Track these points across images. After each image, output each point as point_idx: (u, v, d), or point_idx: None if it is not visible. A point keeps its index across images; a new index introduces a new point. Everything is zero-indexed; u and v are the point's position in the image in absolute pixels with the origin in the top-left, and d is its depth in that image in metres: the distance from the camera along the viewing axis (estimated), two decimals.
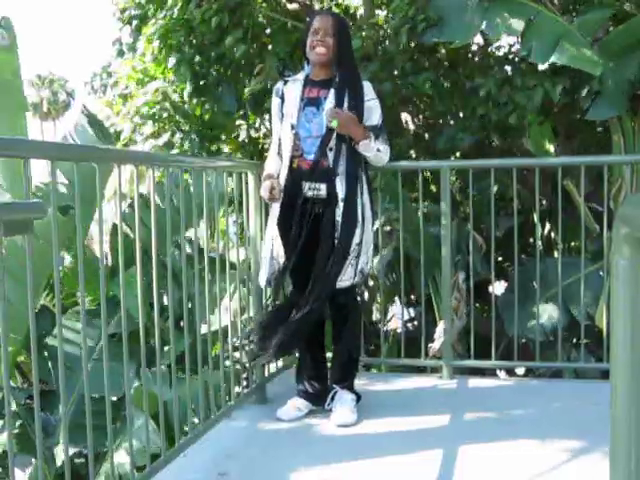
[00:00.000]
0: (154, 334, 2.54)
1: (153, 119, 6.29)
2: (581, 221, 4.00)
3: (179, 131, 6.31)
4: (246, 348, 3.36)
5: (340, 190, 3.08)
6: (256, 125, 6.63)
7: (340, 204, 3.07)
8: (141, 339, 2.45)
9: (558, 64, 4.61)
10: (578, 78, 4.77)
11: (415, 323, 6.57)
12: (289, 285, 3.43)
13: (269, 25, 5.78)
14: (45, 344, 4.79)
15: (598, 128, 5.89)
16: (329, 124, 3.06)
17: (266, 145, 6.08)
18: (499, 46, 5.91)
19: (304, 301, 3.09)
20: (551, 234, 6.25)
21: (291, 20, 5.71)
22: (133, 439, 2.56)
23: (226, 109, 5.98)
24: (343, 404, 3.22)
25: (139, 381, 3.89)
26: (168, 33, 5.65)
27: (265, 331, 3.20)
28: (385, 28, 5.32)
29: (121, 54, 7.03)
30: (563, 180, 4.41)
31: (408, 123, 6.34)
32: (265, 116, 6.19)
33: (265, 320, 3.28)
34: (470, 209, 4.14)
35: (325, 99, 3.14)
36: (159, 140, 6.30)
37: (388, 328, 6.17)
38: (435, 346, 4.98)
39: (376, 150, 3.15)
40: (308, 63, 3.25)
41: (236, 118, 6.37)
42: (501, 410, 3.36)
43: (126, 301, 2.38)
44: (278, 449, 2.93)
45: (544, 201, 5.73)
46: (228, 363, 3.42)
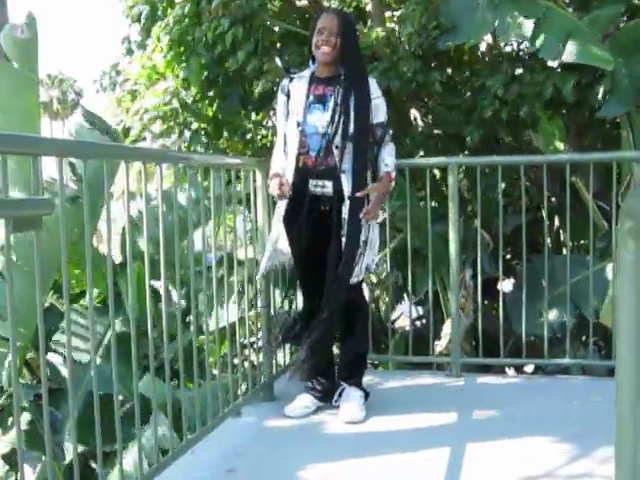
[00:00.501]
0: (161, 332, 2.55)
1: (162, 118, 6.30)
2: (589, 219, 3.98)
3: (188, 129, 6.32)
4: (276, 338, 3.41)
5: (346, 187, 3.08)
6: (263, 123, 6.64)
7: (346, 202, 3.08)
8: (149, 335, 2.46)
9: (568, 61, 4.59)
10: (588, 75, 4.75)
11: (423, 321, 6.56)
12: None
13: (279, 36, 5.78)
14: (53, 341, 4.80)
15: (607, 125, 5.86)
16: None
17: (273, 143, 6.09)
18: (507, 44, 5.88)
19: (323, 306, 3.10)
20: (560, 232, 6.22)
21: (302, 30, 5.69)
22: (142, 437, 2.58)
23: (234, 107, 5.99)
24: (351, 401, 3.22)
25: (146, 379, 3.89)
26: (182, 37, 5.65)
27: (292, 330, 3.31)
28: (396, 31, 5.29)
29: (130, 52, 7.05)
30: (572, 177, 4.39)
31: (417, 120, 6.32)
32: (272, 114, 6.19)
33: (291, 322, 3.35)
34: (478, 206, 4.13)
35: (331, 96, 3.14)
36: (167, 140, 6.32)
37: (396, 326, 6.16)
38: (442, 343, 4.97)
39: (393, 170, 3.23)
40: (314, 61, 3.25)
41: (244, 116, 6.38)
42: (509, 407, 3.35)
43: (133, 299, 2.39)
44: (286, 446, 2.93)
45: (553, 199, 5.71)
46: (236, 361, 3.42)
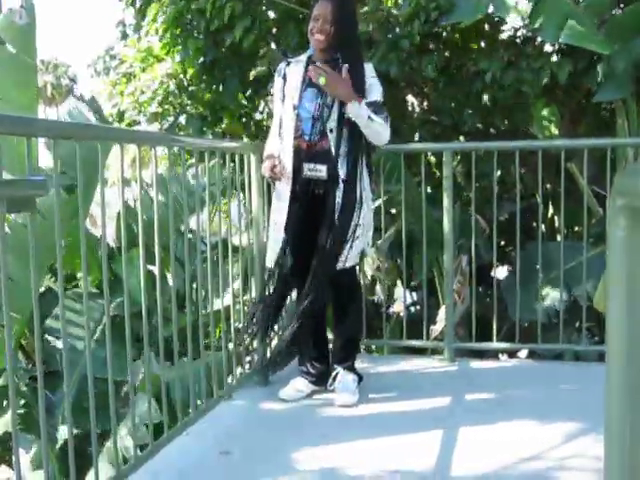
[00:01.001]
0: (155, 314, 2.55)
1: (158, 100, 6.26)
2: (584, 204, 3.99)
3: (184, 113, 6.28)
4: (249, 331, 3.38)
5: (341, 171, 3.08)
6: (260, 108, 6.61)
7: (340, 185, 3.07)
8: (144, 319, 2.46)
9: (564, 46, 4.57)
10: (584, 60, 4.74)
11: (418, 307, 6.57)
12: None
13: (278, 18, 5.74)
14: (47, 326, 4.80)
15: (603, 112, 5.85)
16: (316, 81, 3.03)
17: (270, 126, 6.07)
18: (504, 30, 5.85)
19: (308, 288, 3.10)
20: (555, 218, 6.23)
21: (300, 8, 5.66)
22: (136, 419, 2.58)
23: (230, 91, 5.97)
24: (345, 385, 3.24)
25: (140, 362, 3.90)
26: (179, 18, 5.62)
27: (266, 321, 3.28)
28: (394, 14, 5.26)
29: (125, 36, 7.01)
30: (567, 163, 4.39)
31: (414, 106, 6.31)
32: (268, 98, 6.17)
33: (264, 308, 3.32)
34: (472, 192, 4.13)
35: None
36: (164, 123, 6.29)
37: (392, 311, 6.17)
38: (437, 328, 4.99)
39: (367, 117, 3.02)
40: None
41: (240, 100, 6.35)
42: (501, 392, 3.37)
43: (128, 283, 2.39)
44: (280, 429, 2.95)
45: (548, 185, 5.72)
46: (230, 345, 3.43)
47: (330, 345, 3.48)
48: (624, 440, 0.93)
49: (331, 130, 3.09)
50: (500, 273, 5.66)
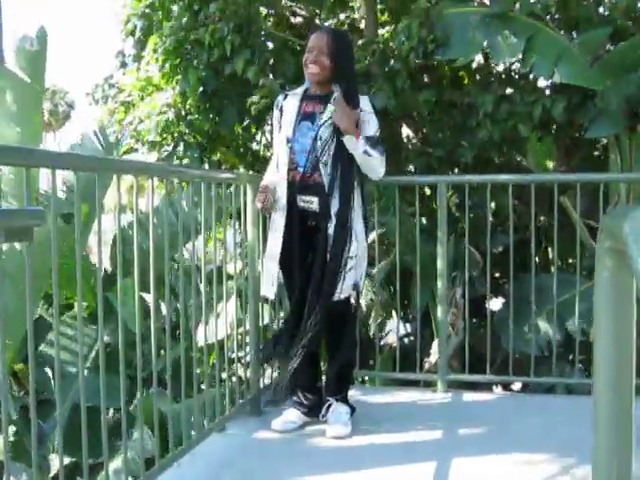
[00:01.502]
0: (148, 343, 2.55)
1: (157, 129, 6.28)
2: (577, 238, 4.02)
3: (182, 141, 6.31)
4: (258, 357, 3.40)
5: (333, 205, 3.10)
6: (257, 138, 6.66)
7: (332, 218, 3.09)
8: (137, 349, 2.46)
9: (558, 82, 4.64)
10: (578, 95, 4.80)
11: (412, 338, 6.56)
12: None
13: (275, 50, 5.80)
14: (40, 352, 4.79)
15: (596, 145, 5.92)
16: (329, 110, 3.09)
17: (267, 157, 6.10)
18: (498, 64, 5.93)
19: (305, 320, 3.11)
20: (548, 250, 6.26)
21: (297, 39, 5.73)
22: (128, 450, 2.57)
23: (228, 120, 6.01)
24: (337, 416, 3.23)
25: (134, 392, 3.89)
26: (178, 48, 5.67)
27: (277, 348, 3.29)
28: (391, 46, 5.32)
29: (124, 65, 7.06)
30: (560, 197, 4.43)
31: (410, 138, 6.36)
32: (266, 128, 6.22)
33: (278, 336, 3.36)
34: (466, 224, 4.16)
35: (320, 114, 3.16)
36: (162, 152, 6.30)
37: (385, 342, 6.16)
38: (431, 360, 4.99)
39: (363, 152, 3.08)
40: None
41: (238, 129, 6.39)
42: (494, 425, 3.37)
43: (122, 311, 2.39)
44: (272, 460, 2.94)
45: (542, 218, 5.75)
46: (224, 375, 3.42)
47: (323, 376, 3.48)
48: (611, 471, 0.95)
49: (325, 164, 3.11)
50: (494, 305, 5.67)
